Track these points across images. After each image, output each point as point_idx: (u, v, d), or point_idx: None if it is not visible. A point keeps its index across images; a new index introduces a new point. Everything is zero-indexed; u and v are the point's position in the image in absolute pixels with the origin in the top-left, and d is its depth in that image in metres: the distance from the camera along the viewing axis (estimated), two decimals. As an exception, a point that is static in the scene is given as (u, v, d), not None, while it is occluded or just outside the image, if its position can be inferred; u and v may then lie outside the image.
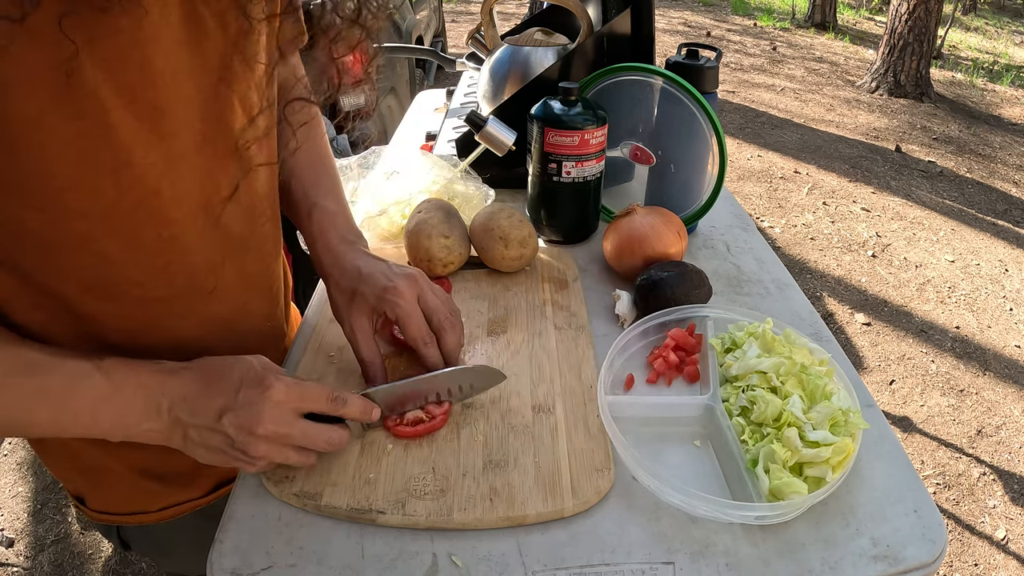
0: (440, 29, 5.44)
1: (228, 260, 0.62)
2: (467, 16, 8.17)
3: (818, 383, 0.62)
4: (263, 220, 0.67)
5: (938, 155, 4.56)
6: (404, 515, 0.54)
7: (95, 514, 0.74)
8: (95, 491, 0.73)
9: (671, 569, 0.52)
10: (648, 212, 0.86)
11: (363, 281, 0.64)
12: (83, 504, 0.74)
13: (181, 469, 0.71)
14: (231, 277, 0.64)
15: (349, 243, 0.69)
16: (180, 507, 0.74)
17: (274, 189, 0.69)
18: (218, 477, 0.75)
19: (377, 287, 0.63)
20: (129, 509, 0.74)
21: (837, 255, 3.26)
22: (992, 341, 2.68)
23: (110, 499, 0.73)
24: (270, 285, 0.73)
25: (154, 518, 0.74)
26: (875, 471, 0.60)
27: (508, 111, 1.02)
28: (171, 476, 0.72)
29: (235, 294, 0.65)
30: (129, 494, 0.73)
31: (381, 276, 0.64)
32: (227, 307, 0.65)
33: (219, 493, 0.76)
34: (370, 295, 0.64)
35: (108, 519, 0.74)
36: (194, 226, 0.57)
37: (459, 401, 0.65)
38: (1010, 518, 1.94)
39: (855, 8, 10.31)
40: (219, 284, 0.62)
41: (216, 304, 0.63)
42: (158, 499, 0.73)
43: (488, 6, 1.20)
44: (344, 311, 0.66)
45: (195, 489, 0.74)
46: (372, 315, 0.65)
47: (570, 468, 0.59)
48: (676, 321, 0.75)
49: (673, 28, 7.92)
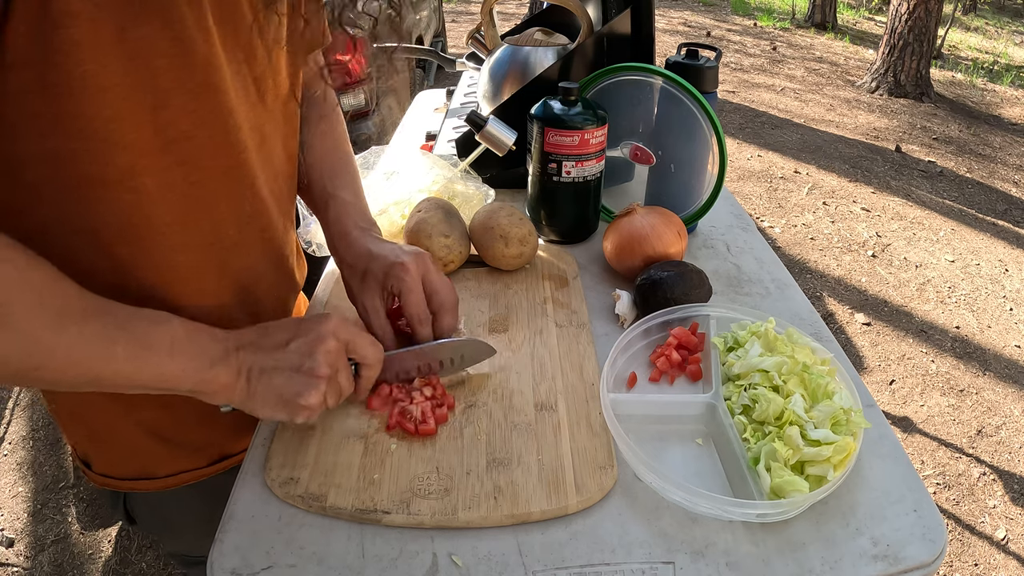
0: (440, 29, 5.44)
1: (251, 220, 0.65)
2: (467, 16, 8.17)
3: (820, 382, 0.62)
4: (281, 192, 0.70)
5: (938, 155, 4.56)
6: (409, 515, 0.54)
7: (100, 478, 0.76)
8: (101, 451, 0.75)
9: (671, 569, 0.52)
10: (648, 212, 0.86)
11: (373, 260, 0.68)
12: (89, 468, 0.76)
13: (188, 436, 0.74)
14: (251, 237, 0.66)
15: (362, 230, 0.73)
16: (184, 475, 0.76)
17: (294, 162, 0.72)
18: (221, 449, 0.77)
19: (386, 263, 0.67)
20: (134, 473, 0.75)
21: (837, 255, 3.26)
22: (992, 341, 2.68)
23: (115, 461, 0.75)
24: (284, 256, 0.75)
25: (158, 485, 0.75)
26: (875, 471, 0.60)
27: (508, 111, 1.02)
28: (178, 440, 0.73)
29: (253, 256, 0.68)
30: (134, 456, 0.74)
31: (390, 254, 0.68)
32: (244, 267, 0.67)
33: (221, 466, 0.77)
34: (379, 271, 0.67)
35: (112, 484, 0.76)
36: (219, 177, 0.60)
37: (450, 374, 0.68)
38: (1010, 518, 1.94)
39: (855, 8, 10.31)
40: (241, 240, 0.65)
41: (236, 261, 0.66)
42: (163, 464, 0.75)
43: (488, 6, 1.20)
44: (356, 292, 0.70)
45: (200, 457, 0.76)
46: (382, 292, 0.68)
47: (573, 465, 0.59)
48: (679, 320, 0.75)
49: (673, 28, 7.92)
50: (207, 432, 0.71)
